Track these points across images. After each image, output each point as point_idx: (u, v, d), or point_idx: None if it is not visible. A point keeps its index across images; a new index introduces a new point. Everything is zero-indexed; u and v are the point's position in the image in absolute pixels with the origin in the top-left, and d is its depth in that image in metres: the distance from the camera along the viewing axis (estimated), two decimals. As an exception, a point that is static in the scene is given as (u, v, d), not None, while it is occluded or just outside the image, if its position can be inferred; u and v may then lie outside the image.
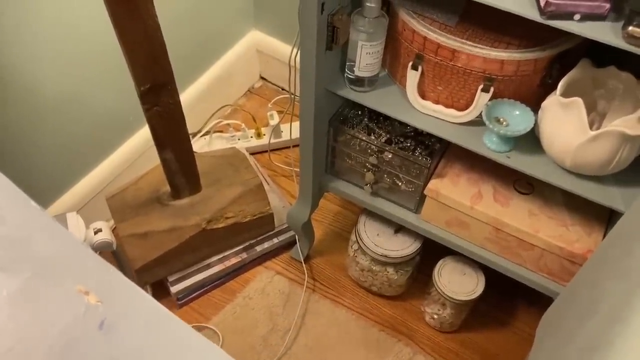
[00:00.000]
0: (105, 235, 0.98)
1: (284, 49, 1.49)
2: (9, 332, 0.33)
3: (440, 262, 1.15)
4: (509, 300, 1.25)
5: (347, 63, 0.91)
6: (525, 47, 0.80)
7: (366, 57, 0.87)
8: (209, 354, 0.34)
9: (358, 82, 0.92)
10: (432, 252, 1.17)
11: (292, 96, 1.14)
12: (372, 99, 0.92)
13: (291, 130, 1.44)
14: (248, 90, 1.64)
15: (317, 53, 0.85)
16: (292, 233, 1.29)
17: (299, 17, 0.81)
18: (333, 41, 0.86)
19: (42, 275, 0.35)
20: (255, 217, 1.21)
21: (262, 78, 1.66)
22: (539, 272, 0.98)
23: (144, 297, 0.38)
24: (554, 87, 0.79)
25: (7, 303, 0.33)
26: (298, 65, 0.90)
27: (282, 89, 1.63)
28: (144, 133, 1.29)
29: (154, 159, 1.12)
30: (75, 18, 1.03)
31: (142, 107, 0.97)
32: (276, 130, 1.48)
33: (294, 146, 1.46)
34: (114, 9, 0.81)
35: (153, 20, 0.85)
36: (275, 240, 1.29)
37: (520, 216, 0.95)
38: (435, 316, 1.18)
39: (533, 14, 0.68)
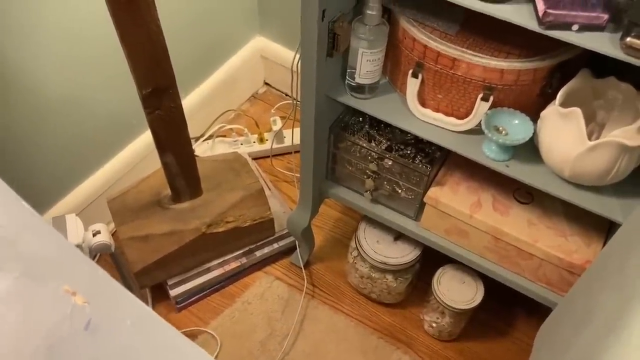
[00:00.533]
0: (104, 238, 0.98)
1: (288, 55, 1.50)
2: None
3: (439, 270, 1.15)
4: (508, 310, 1.25)
5: (348, 70, 0.91)
6: (525, 57, 0.80)
7: (367, 64, 0.88)
8: (194, 357, 0.35)
9: (359, 89, 0.92)
10: (431, 260, 1.16)
11: (295, 102, 1.14)
12: (372, 106, 0.92)
13: (293, 136, 1.45)
14: (252, 96, 1.65)
15: (318, 59, 0.85)
16: (292, 239, 1.29)
17: (301, 24, 0.82)
18: (334, 48, 0.86)
19: (30, 275, 0.35)
20: (255, 222, 1.22)
21: (266, 84, 1.67)
22: (537, 281, 0.98)
23: (131, 299, 0.38)
24: (554, 97, 0.79)
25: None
26: (300, 71, 0.91)
27: (286, 95, 1.64)
28: (146, 137, 1.30)
29: (155, 163, 1.13)
30: (79, 21, 1.04)
31: (144, 111, 0.97)
32: (279, 136, 1.48)
33: (295, 152, 1.47)
34: (117, 13, 0.82)
35: (155, 25, 0.86)
36: (276, 246, 1.29)
37: (520, 225, 0.95)
38: (434, 324, 1.18)
39: (532, 24, 0.68)
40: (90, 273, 0.38)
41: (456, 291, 1.12)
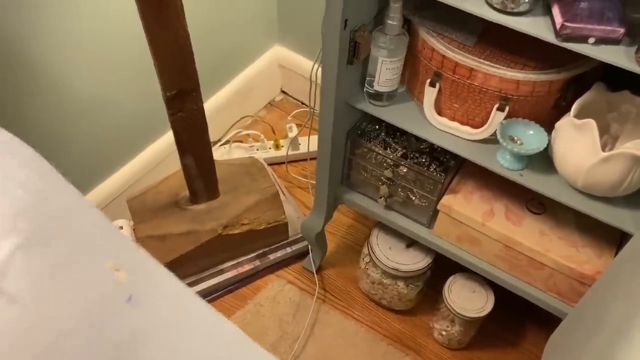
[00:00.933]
0: (126, 234, 1.01)
1: (306, 65, 1.53)
2: (44, 302, 0.36)
3: (450, 278, 1.16)
4: (518, 321, 1.26)
5: (367, 78, 0.94)
6: (540, 69, 0.82)
7: (386, 72, 0.90)
8: (225, 330, 0.37)
9: (377, 96, 0.95)
10: (442, 268, 1.18)
11: (312, 110, 1.17)
12: (389, 114, 0.95)
13: (309, 144, 1.47)
14: (269, 103, 1.68)
15: (339, 67, 0.88)
16: (305, 243, 1.31)
17: (322, 32, 0.84)
18: (354, 56, 0.89)
19: (78, 251, 0.38)
20: (270, 225, 1.24)
21: (283, 92, 1.71)
22: (548, 291, 0.99)
23: (170, 277, 0.40)
24: (568, 109, 0.80)
25: (43, 275, 0.36)
26: (319, 81, 0.93)
27: (302, 103, 1.67)
28: (167, 138, 1.34)
29: (174, 164, 1.16)
30: (110, 25, 1.08)
31: (167, 113, 1.00)
32: (294, 143, 1.51)
33: (311, 159, 1.49)
34: (147, 18, 0.85)
35: (183, 30, 0.89)
36: (289, 250, 1.31)
37: (532, 235, 0.96)
38: (444, 332, 1.19)
39: (549, 36, 0.70)
40: (131, 251, 0.41)
41: (466, 300, 1.13)
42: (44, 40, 0.99)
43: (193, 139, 1.06)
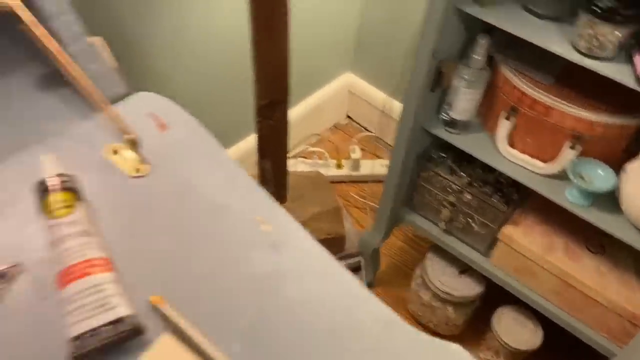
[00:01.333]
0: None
1: (373, 93, 1.62)
2: (204, 238, 0.43)
3: (499, 309, 1.19)
4: (562, 362, 1.27)
5: (445, 105, 1.01)
6: (613, 113, 0.87)
7: (464, 102, 0.97)
8: (346, 278, 0.44)
9: (452, 124, 1.01)
10: (488, 300, 1.21)
11: (377, 139, 1.24)
12: (462, 141, 1.01)
13: (372, 168, 1.55)
14: (334, 126, 1.77)
15: (423, 93, 0.95)
16: (357, 259, 1.36)
17: (416, 59, 0.92)
18: (438, 84, 0.96)
19: (230, 202, 0.46)
20: (329, 236, 1.30)
21: (348, 117, 1.79)
22: (598, 330, 1.01)
23: (304, 233, 0.48)
24: (637, 154, 0.85)
25: (204, 218, 0.44)
26: (388, 112, 1.00)
27: (365, 129, 1.75)
28: (243, 145, 1.43)
29: (247, 170, 1.24)
30: (212, 35, 1.20)
31: (256, 119, 1.09)
32: (355, 164, 1.58)
33: (373, 181, 1.56)
34: (258, 33, 0.95)
35: (285, 46, 0.98)
36: (342, 263, 1.36)
37: (590, 273, 0.99)
38: (487, 362, 1.22)
39: (630, 82, 0.76)
40: (273, 208, 0.49)
41: (514, 332, 1.16)
42: (152, 42, 1.10)
43: (275, 145, 1.15)
